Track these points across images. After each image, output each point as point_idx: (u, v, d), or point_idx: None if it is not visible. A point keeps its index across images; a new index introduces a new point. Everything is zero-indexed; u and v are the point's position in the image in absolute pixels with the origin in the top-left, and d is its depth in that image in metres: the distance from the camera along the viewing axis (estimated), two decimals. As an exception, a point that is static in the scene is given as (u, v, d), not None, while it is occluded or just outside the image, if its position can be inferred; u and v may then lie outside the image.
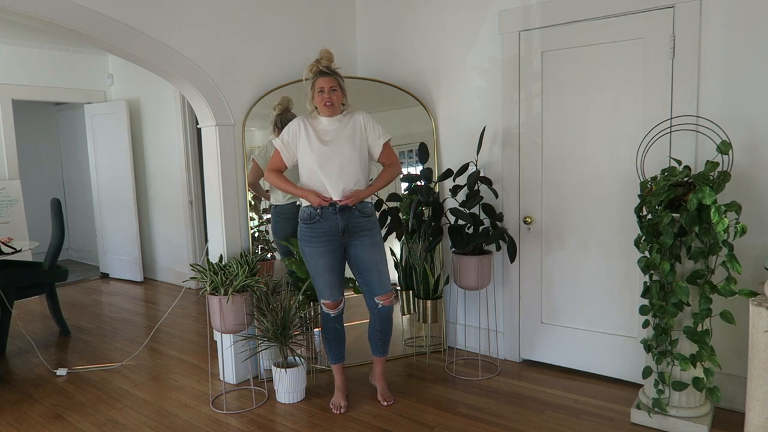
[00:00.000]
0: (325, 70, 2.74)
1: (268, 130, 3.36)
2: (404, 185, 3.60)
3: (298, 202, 2.89)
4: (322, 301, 2.87)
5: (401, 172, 2.98)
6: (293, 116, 3.12)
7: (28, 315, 4.90)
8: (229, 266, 2.99)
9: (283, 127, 3.29)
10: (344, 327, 2.99)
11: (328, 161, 2.70)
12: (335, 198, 2.73)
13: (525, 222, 3.31)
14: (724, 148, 2.39)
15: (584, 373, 3.25)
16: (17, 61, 5.51)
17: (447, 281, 3.59)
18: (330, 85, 2.73)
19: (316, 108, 2.80)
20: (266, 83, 3.37)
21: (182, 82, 3.04)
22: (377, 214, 3.01)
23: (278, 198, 3.34)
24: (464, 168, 3.25)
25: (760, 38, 2.53)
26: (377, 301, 2.87)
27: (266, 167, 2.88)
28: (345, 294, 2.97)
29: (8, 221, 5.29)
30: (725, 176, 2.39)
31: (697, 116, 2.67)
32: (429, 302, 3.46)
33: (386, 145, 2.85)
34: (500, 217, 3.29)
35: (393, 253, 3.56)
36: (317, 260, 2.80)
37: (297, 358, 3.04)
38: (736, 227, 2.32)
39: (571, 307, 3.24)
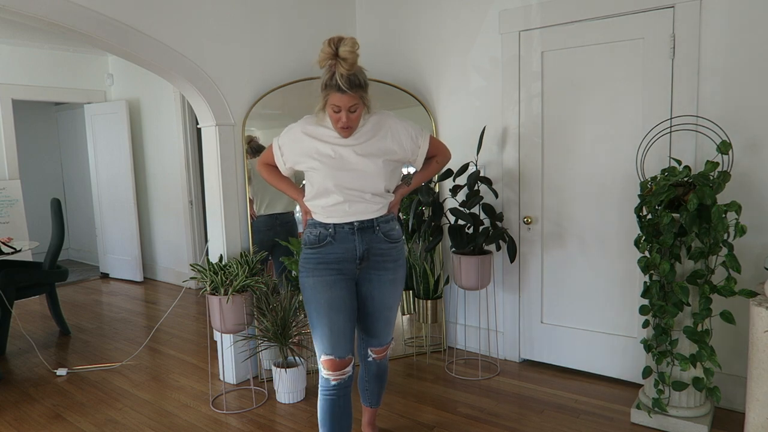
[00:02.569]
0: (343, 87, 1.94)
1: (268, 130, 3.37)
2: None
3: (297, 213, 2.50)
4: (322, 358, 2.09)
5: (450, 157, 2.38)
6: (259, 146, 3.01)
7: (28, 315, 4.90)
8: (229, 266, 2.99)
9: (255, 155, 3.23)
10: (351, 403, 2.19)
11: (342, 177, 2.07)
12: (349, 220, 2.11)
13: (525, 222, 3.31)
14: (724, 148, 2.39)
15: (584, 373, 3.25)
16: (17, 61, 5.51)
17: (447, 281, 3.59)
18: (351, 104, 1.97)
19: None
20: (266, 83, 3.37)
21: (182, 82, 3.04)
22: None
23: (260, 209, 3.34)
24: (464, 168, 3.25)
25: (760, 38, 2.53)
26: (369, 353, 2.31)
27: (259, 159, 2.33)
28: None
29: (8, 221, 5.29)
30: (725, 176, 2.39)
31: (697, 116, 2.67)
32: (429, 302, 3.46)
33: (431, 143, 2.24)
34: (500, 217, 3.29)
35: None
36: (321, 295, 2.09)
37: (297, 358, 3.04)
38: (736, 227, 2.32)
39: (571, 307, 3.24)
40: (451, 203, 3.41)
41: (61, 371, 3.53)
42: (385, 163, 2.11)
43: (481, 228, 3.20)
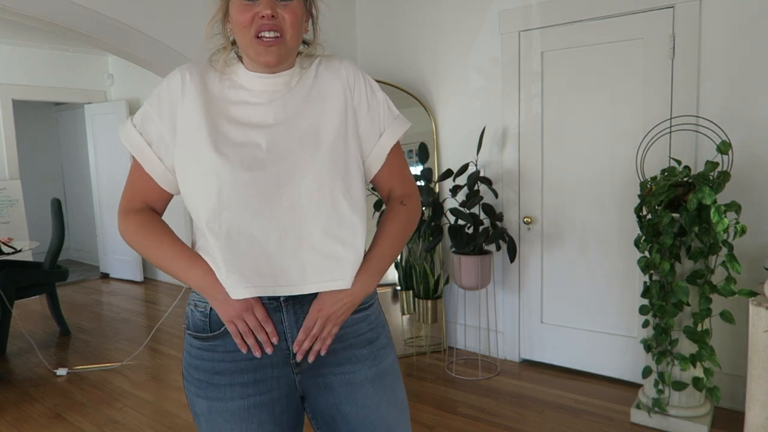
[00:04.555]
0: None
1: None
2: (404, 185, 3.60)
3: None
4: None
5: (420, 203, 1.36)
6: None
7: (28, 315, 4.90)
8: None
9: None
10: None
11: (259, 185, 1.04)
12: (273, 293, 1.05)
13: (525, 222, 3.31)
14: (724, 148, 2.39)
15: (584, 373, 3.25)
16: (17, 61, 5.51)
17: (447, 281, 3.59)
18: None
19: (233, 44, 1.20)
20: (266, 83, 3.36)
21: (182, 82, 3.04)
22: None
23: None
24: (464, 168, 3.25)
25: (760, 38, 2.53)
26: None
27: (120, 202, 1.16)
28: None
29: (8, 221, 5.29)
30: (725, 176, 2.39)
31: (697, 116, 2.67)
32: (429, 302, 3.46)
33: (395, 150, 1.29)
34: (500, 217, 3.29)
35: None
36: None
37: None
38: (735, 227, 2.32)
39: (571, 307, 3.24)
40: (451, 203, 3.41)
41: (61, 371, 3.53)
42: (346, 137, 1.13)
43: (481, 228, 3.20)
